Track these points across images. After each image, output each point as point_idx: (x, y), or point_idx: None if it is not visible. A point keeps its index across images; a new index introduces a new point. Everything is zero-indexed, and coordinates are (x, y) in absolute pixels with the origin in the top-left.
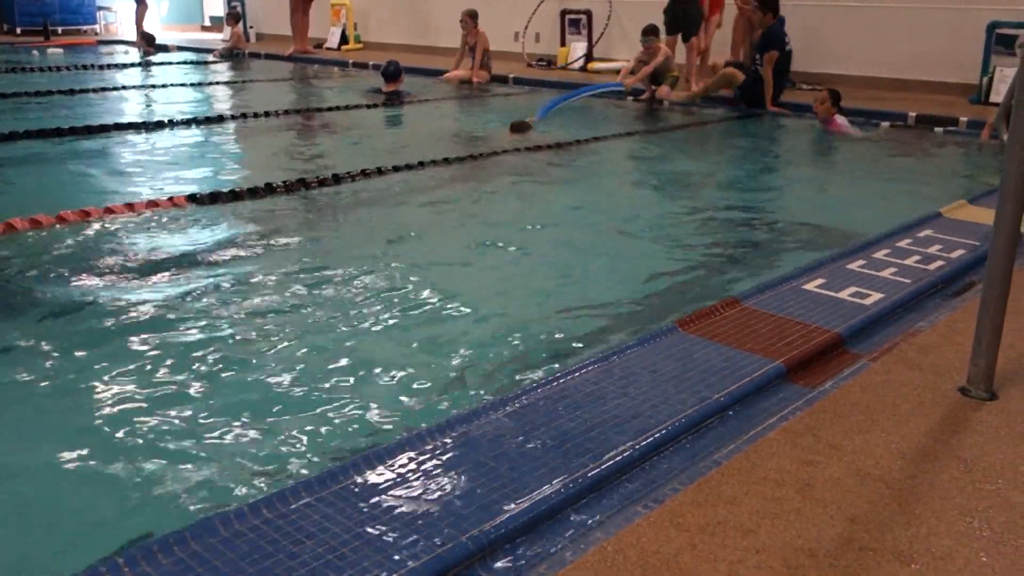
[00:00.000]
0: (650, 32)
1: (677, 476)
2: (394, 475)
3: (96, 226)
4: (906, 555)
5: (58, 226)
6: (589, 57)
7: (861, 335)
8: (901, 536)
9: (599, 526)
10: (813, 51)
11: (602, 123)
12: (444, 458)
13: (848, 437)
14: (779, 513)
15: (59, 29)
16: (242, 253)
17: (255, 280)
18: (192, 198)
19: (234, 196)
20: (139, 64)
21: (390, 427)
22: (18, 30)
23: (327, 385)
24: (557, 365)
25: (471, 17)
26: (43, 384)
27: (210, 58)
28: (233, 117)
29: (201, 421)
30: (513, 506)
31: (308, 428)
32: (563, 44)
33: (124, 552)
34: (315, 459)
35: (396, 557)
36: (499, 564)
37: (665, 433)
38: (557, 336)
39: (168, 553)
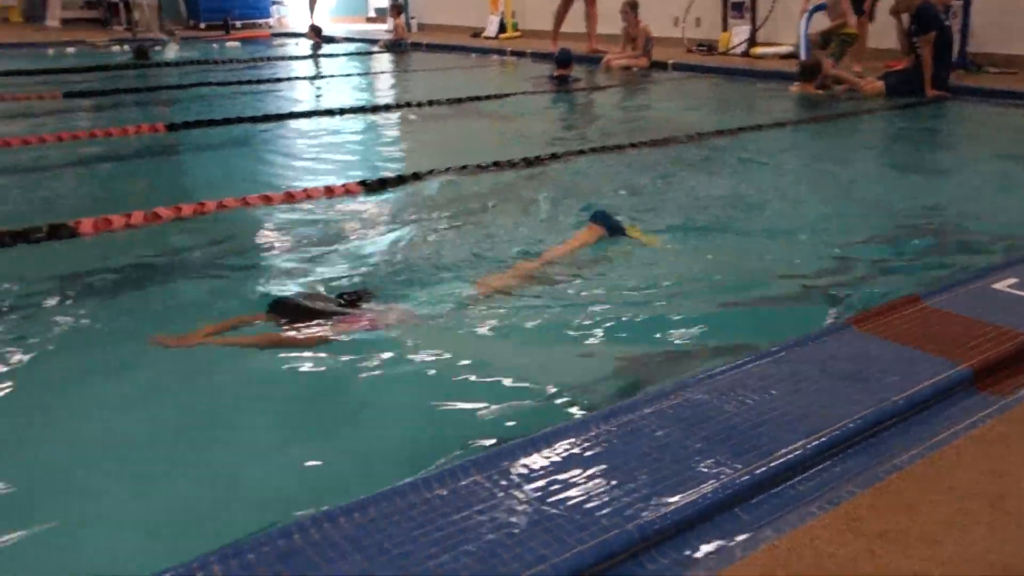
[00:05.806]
0: None
1: (852, 479)
2: (558, 459)
3: (274, 210)
4: None
5: (243, 208)
6: (752, 42)
7: None
8: None
9: (768, 524)
10: (1001, 29)
11: (754, 110)
12: (607, 446)
13: None
14: (967, 525)
15: (238, 23)
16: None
17: (420, 261)
18: (364, 184)
19: (400, 181)
20: (309, 56)
21: (553, 413)
22: (202, 25)
23: (496, 367)
24: (723, 358)
25: (631, 8)
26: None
27: (375, 49)
28: (398, 105)
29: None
30: (678, 498)
31: (471, 410)
32: (725, 29)
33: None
34: (481, 441)
35: (563, 539)
36: (665, 555)
37: (838, 434)
38: (723, 329)
39: (312, 534)
